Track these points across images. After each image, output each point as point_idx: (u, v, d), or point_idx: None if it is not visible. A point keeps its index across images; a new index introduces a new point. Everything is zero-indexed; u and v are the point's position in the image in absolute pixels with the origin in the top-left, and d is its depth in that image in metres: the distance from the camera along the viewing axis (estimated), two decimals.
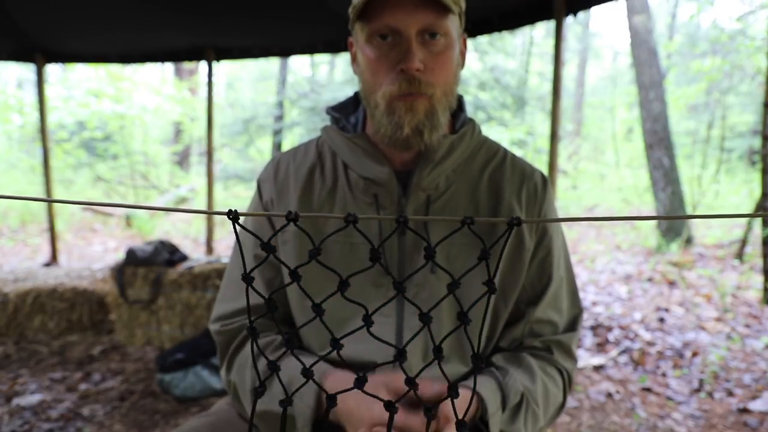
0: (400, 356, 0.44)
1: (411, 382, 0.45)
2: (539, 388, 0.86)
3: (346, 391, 0.47)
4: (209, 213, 0.39)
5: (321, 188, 0.92)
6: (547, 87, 11.31)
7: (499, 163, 0.94)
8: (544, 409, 0.87)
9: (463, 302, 0.83)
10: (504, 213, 0.89)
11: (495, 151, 0.96)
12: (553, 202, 0.97)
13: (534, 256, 0.91)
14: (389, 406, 0.45)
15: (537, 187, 0.94)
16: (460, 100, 0.96)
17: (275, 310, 0.46)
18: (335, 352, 0.45)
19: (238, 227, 0.62)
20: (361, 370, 0.88)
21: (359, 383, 0.45)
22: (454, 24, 0.84)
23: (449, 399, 0.43)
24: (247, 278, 0.42)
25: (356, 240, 0.87)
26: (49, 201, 0.37)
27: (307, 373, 0.45)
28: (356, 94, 0.98)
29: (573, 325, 0.95)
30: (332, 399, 0.45)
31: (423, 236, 0.43)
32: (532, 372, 0.87)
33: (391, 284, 0.87)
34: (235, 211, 0.38)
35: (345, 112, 0.97)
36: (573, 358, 0.95)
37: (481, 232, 0.87)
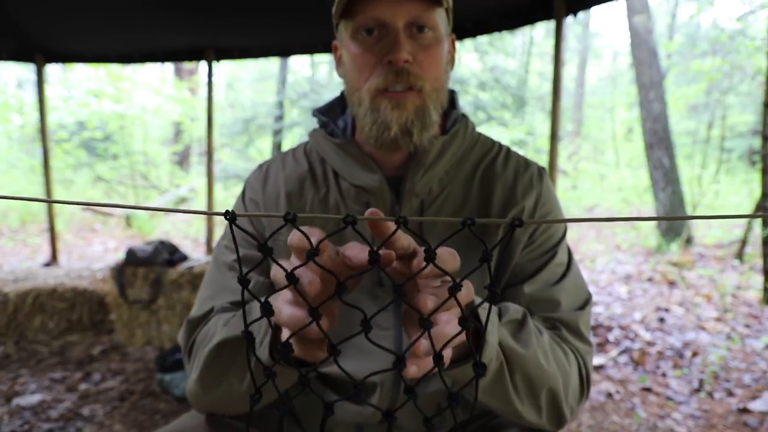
0: (399, 362, 0.44)
1: (410, 390, 0.44)
2: (546, 345, 0.73)
3: (346, 399, 0.47)
4: (206, 213, 0.39)
5: (313, 197, 0.88)
6: (547, 87, 11.31)
7: (492, 159, 0.90)
8: (555, 371, 0.72)
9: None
10: (495, 210, 0.85)
11: (489, 147, 0.92)
12: (552, 194, 0.91)
13: (527, 246, 0.85)
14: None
15: (533, 180, 0.88)
16: (452, 97, 0.92)
17: (272, 315, 0.45)
18: (332, 365, 0.44)
19: (235, 228, 0.61)
20: (359, 389, 0.83)
21: (356, 392, 0.44)
22: (442, 18, 0.81)
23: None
24: (243, 281, 0.42)
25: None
26: (49, 201, 0.37)
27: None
28: (343, 93, 0.94)
29: (581, 306, 0.84)
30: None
31: (422, 238, 0.43)
32: (539, 330, 0.75)
33: (388, 296, 0.83)
34: (233, 211, 0.38)
35: (333, 114, 0.94)
36: (585, 341, 0.81)
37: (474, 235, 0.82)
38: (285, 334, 0.51)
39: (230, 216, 0.38)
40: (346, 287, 0.44)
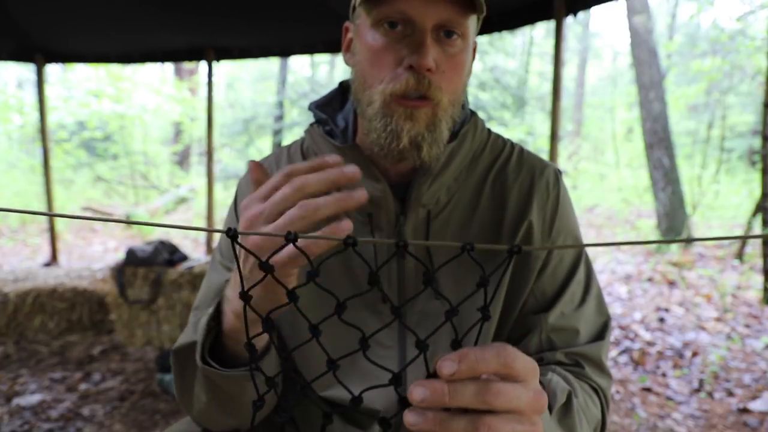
0: (396, 381, 0.43)
1: (405, 403, 0.44)
2: (580, 399, 0.72)
3: (344, 410, 0.47)
4: (208, 231, 0.39)
5: None
6: (547, 87, 11.31)
7: (504, 162, 0.84)
8: (587, 426, 0.72)
9: (463, 328, 0.69)
10: (508, 221, 0.81)
11: (500, 149, 0.86)
12: (567, 200, 0.86)
13: (546, 264, 0.81)
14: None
15: (549, 187, 0.83)
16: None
17: (272, 330, 0.45)
18: (332, 389, 0.44)
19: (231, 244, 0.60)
20: (363, 418, 0.80)
21: (354, 404, 0.44)
22: (473, 26, 0.74)
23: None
24: (245, 296, 0.42)
25: (353, 263, 0.79)
26: (50, 215, 0.37)
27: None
28: (341, 86, 0.87)
29: (600, 333, 0.82)
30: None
31: (423, 262, 0.41)
32: (568, 382, 0.74)
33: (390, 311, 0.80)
34: (235, 230, 0.38)
35: (331, 110, 0.86)
36: (606, 374, 0.80)
37: (483, 252, 0.78)
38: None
39: (232, 234, 0.38)
40: (346, 307, 0.43)
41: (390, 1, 0.69)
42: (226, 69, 14.46)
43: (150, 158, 10.26)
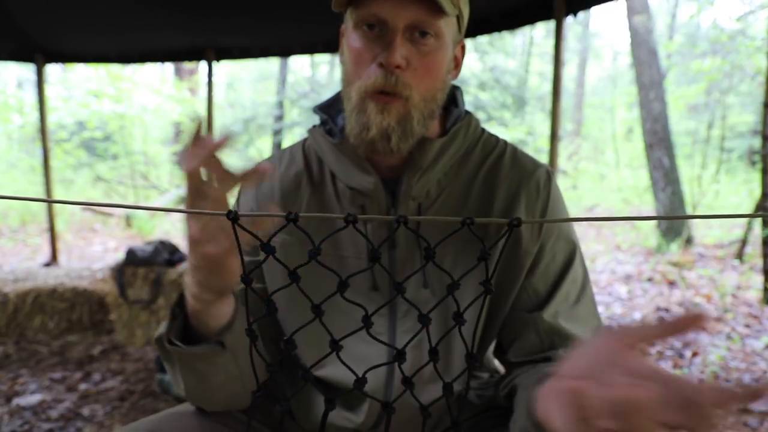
0: (399, 357, 0.44)
1: (407, 381, 0.45)
2: None
3: (347, 392, 0.47)
4: (209, 213, 0.39)
5: (309, 198, 0.86)
6: (547, 87, 11.31)
7: (495, 160, 0.87)
8: None
9: (459, 308, 0.74)
10: (495, 216, 0.82)
11: (492, 147, 0.88)
12: (559, 201, 0.88)
13: (538, 261, 0.83)
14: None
15: (539, 187, 0.85)
16: (454, 94, 0.90)
17: (275, 312, 0.46)
18: (326, 368, 0.45)
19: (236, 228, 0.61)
20: (352, 396, 0.82)
21: (359, 384, 0.45)
22: (449, 26, 0.78)
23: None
24: (246, 280, 0.42)
25: (345, 253, 0.82)
26: (49, 201, 0.38)
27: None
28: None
29: None
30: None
31: (421, 235, 0.42)
32: None
33: (384, 300, 0.81)
34: (235, 212, 0.38)
35: (333, 111, 0.91)
36: None
37: (473, 236, 0.81)
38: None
39: (232, 216, 0.38)
40: (348, 285, 0.44)
41: (366, 4, 0.74)
42: (226, 69, 14.46)
43: (150, 158, 10.26)
